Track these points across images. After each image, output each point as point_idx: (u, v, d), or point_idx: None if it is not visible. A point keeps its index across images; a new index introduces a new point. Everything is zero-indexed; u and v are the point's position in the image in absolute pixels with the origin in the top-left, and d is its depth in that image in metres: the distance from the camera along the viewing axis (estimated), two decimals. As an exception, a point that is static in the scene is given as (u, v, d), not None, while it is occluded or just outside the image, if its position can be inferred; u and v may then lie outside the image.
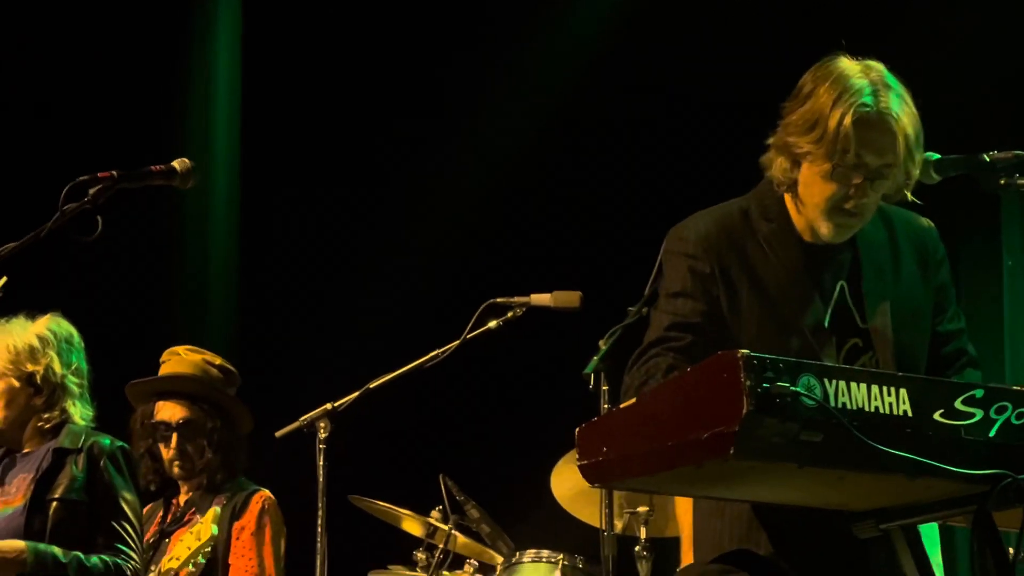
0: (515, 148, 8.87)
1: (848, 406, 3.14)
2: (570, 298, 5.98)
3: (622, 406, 3.36)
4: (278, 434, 6.01)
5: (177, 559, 5.56)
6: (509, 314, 5.97)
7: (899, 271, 3.85)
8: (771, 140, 3.79)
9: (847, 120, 3.61)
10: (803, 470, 3.15)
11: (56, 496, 5.03)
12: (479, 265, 8.56)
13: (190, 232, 9.83)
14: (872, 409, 3.16)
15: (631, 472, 3.29)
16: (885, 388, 3.18)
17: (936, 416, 3.21)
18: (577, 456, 3.36)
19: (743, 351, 3.08)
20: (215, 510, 5.65)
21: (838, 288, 3.79)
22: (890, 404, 3.18)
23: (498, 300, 5.97)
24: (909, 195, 3.75)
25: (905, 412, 3.19)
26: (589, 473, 3.34)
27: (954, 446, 3.21)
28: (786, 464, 3.13)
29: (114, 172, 3.73)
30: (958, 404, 3.23)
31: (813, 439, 3.10)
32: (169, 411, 6.20)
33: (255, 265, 9.59)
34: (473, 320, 5.92)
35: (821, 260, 3.79)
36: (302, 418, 5.94)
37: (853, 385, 3.15)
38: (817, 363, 3.16)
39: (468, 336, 5.91)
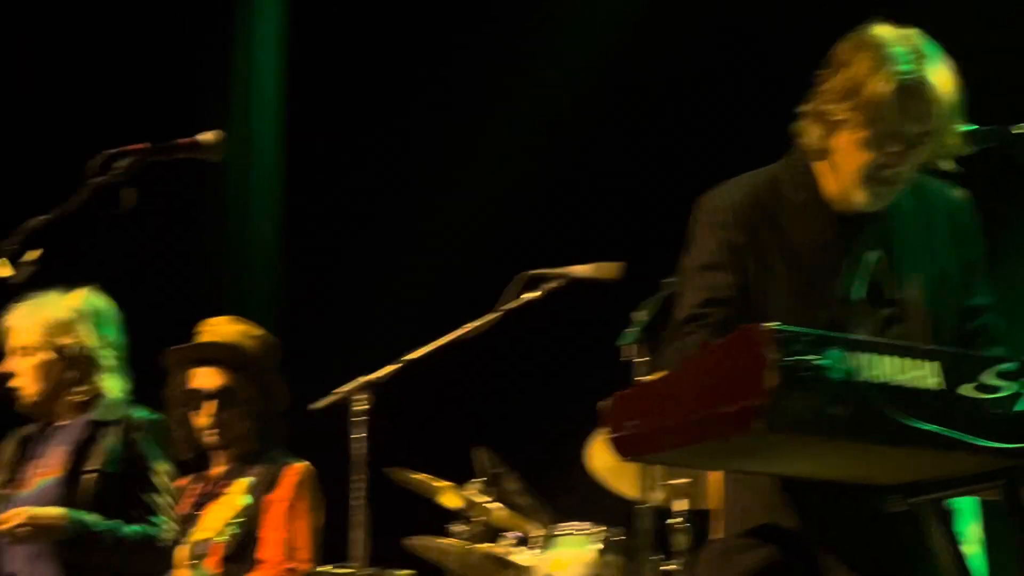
0: (556, 118, 8.86)
1: (876, 379, 3.11)
2: (610, 269, 5.96)
3: (650, 378, 3.35)
4: (315, 406, 6.01)
5: (211, 529, 5.57)
6: (548, 285, 5.96)
7: (931, 242, 3.82)
8: (804, 108, 3.76)
9: (887, 87, 3.58)
10: (830, 444, 3.13)
11: (92, 468, 5.06)
12: (518, 237, 8.55)
13: (232, 203, 9.87)
14: (900, 382, 3.14)
15: (658, 446, 3.29)
16: (913, 361, 3.16)
17: (965, 390, 3.19)
18: (606, 429, 3.35)
19: (769, 324, 3.06)
20: (247, 480, 5.64)
21: (869, 258, 3.76)
22: (918, 377, 3.16)
23: (537, 271, 5.96)
24: (946, 163, 3.72)
25: (934, 385, 3.17)
26: (618, 446, 3.34)
27: (983, 420, 3.18)
28: (813, 438, 3.11)
29: (143, 145, 3.73)
30: (988, 377, 3.20)
31: (840, 413, 3.08)
32: (206, 378, 6.17)
33: (297, 237, 9.62)
34: (512, 291, 5.91)
35: (853, 230, 3.76)
36: (339, 390, 5.93)
37: (881, 358, 3.13)
38: (844, 336, 3.12)
39: (506, 308, 5.90)
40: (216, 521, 5.57)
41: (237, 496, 5.55)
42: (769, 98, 4.07)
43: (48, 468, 5.14)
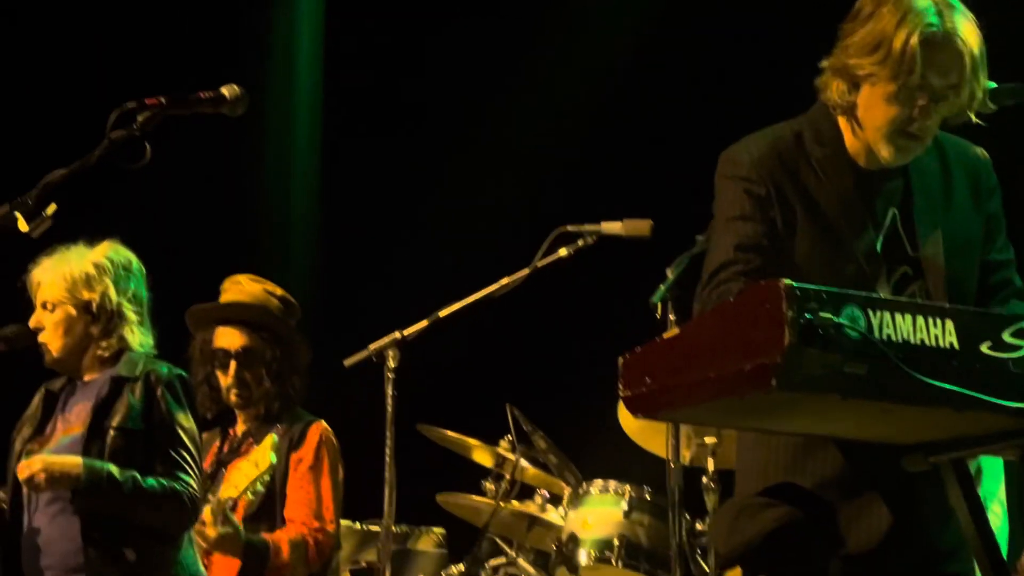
0: (587, 75, 8.83)
1: (893, 338, 3.07)
2: (641, 226, 5.94)
3: (665, 336, 3.32)
4: (347, 363, 6.01)
5: (236, 487, 5.56)
6: (580, 242, 5.94)
7: (951, 199, 3.78)
8: (827, 63, 3.71)
9: (913, 40, 3.53)
10: (847, 402, 3.09)
11: (114, 424, 5.03)
12: (552, 193, 8.53)
13: (272, 159, 9.89)
14: (918, 341, 3.10)
15: (674, 403, 3.25)
16: (931, 320, 3.12)
17: (983, 348, 3.15)
18: (621, 387, 3.32)
19: (785, 281, 3.03)
20: (272, 437, 5.63)
21: (890, 215, 3.72)
22: (936, 336, 3.12)
23: (568, 228, 5.95)
24: (973, 117, 3.67)
25: (951, 344, 3.12)
26: (632, 404, 3.30)
27: (1002, 379, 3.14)
28: (830, 396, 3.08)
29: (162, 98, 3.71)
30: (1006, 336, 3.16)
31: (857, 371, 3.05)
32: (229, 338, 6.18)
33: (334, 193, 9.63)
34: (543, 248, 5.89)
35: (873, 186, 3.72)
36: (371, 347, 5.93)
37: (898, 316, 3.09)
38: (861, 294, 3.08)
39: (538, 264, 5.89)
40: (242, 479, 5.56)
41: (263, 454, 5.53)
42: (799, 51, 4.02)
43: (71, 424, 5.13)
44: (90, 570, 4.93)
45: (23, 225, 3.64)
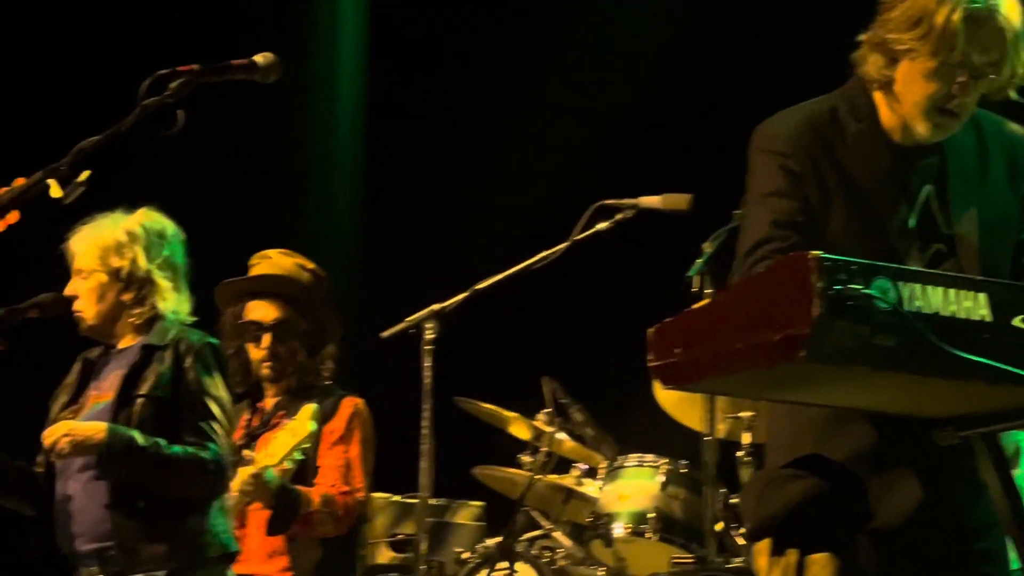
0: (628, 48, 8.81)
1: (923, 310, 3.05)
2: (680, 200, 5.92)
3: (695, 306, 3.30)
4: (384, 335, 6.01)
5: (273, 456, 5.57)
6: (618, 216, 5.93)
7: (986, 177, 3.73)
8: (865, 36, 3.67)
9: (956, 16, 3.49)
10: (877, 374, 3.06)
11: (142, 392, 5.02)
12: (589, 166, 8.51)
13: (315, 131, 9.91)
14: (949, 313, 3.07)
15: (702, 374, 3.23)
16: (963, 292, 3.09)
17: (1016, 321, 3.11)
18: (650, 356, 3.31)
19: (815, 252, 3.01)
20: (312, 407, 5.63)
21: (924, 192, 3.68)
22: (967, 308, 3.09)
23: (607, 202, 5.94)
24: (1013, 94, 3.64)
25: (983, 317, 3.09)
26: (661, 374, 3.29)
27: (1034, 352, 3.12)
28: (859, 368, 3.04)
29: (195, 66, 3.71)
30: (1039, 309, 3.14)
31: (887, 343, 3.02)
32: (261, 311, 6.18)
33: (376, 166, 9.65)
34: (582, 222, 5.88)
35: (909, 162, 3.68)
36: (409, 319, 5.94)
37: (929, 288, 3.06)
38: (892, 265, 3.05)
39: (577, 238, 5.88)
40: (279, 447, 5.57)
41: (302, 423, 5.54)
42: (835, 25, 3.99)
43: (104, 392, 5.13)
44: (117, 537, 4.94)
45: (56, 191, 3.65)
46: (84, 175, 3.66)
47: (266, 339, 6.14)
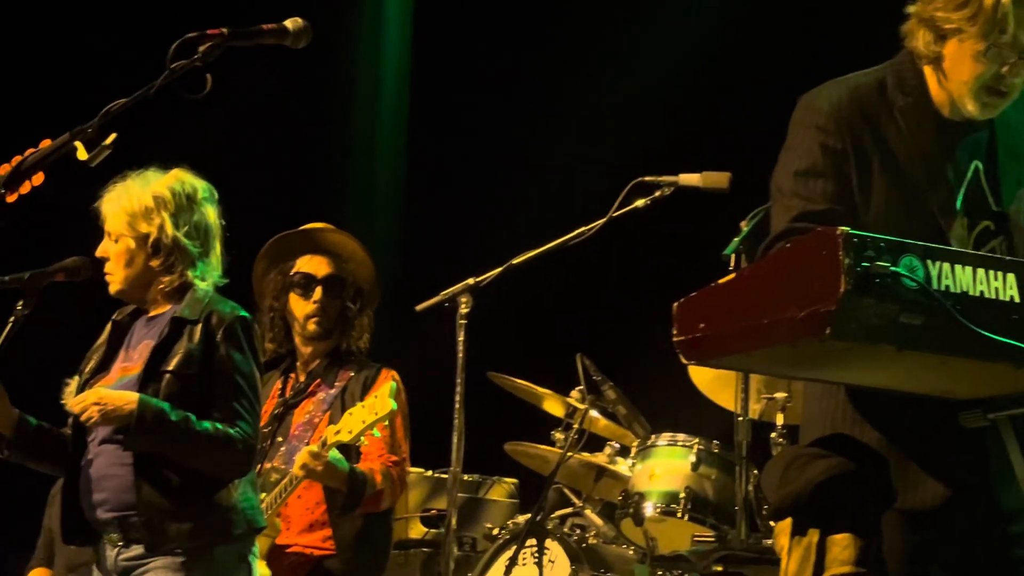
0: (669, 29, 8.78)
1: (952, 289, 3.03)
2: (719, 179, 5.87)
3: (720, 281, 3.26)
4: (419, 308, 5.99)
5: (350, 431, 5.55)
6: (657, 193, 5.88)
7: None
8: (913, 9, 3.62)
9: None
10: (902, 353, 3.05)
11: (170, 368, 4.94)
12: (629, 143, 8.47)
13: (359, 107, 9.91)
14: (977, 293, 3.05)
15: (727, 349, 3.22)
16: (992, 272, 3.07)
17: (1046, 303, 3.08)
18: (675, 331, 3.28)
19: (843, 228, 2.97)
20: (391, 384, 5.63)
21: (972, 168, 3.64)
22: (996, 289, 3.07)
23: (646, 179, 5.89)
24: None
25: (1012, 298, 3.08)
26: (685, 349, 3.27)
27: (1064, 335, 3.08)
28: (885, 346, 3.03)
29: (224, 30, 3.69)
30: (1070, 292, 3.10)
31: (913, 322, 3.00)
32: (315, 265, 6.17)
33: (418, 142, 9.65)
34: (620, 198, 5.84)
35: (957, 138, 3.63)
36: (443, 292, 5.91)
37: (958, 268, 3.04)
38: (920, 243, 3.02)
39: (614, 214, 5.84)
40: (356, 423, 5.54)
41: (384, 400, 5.51)
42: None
43: (132, 363, 5.08)
44: (141, 508, 4.90)
45: (83, 154, 3.64)
46: (110, 138, 3.64)
47: (318, 292, 6.13)
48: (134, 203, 5.09)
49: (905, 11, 3.66)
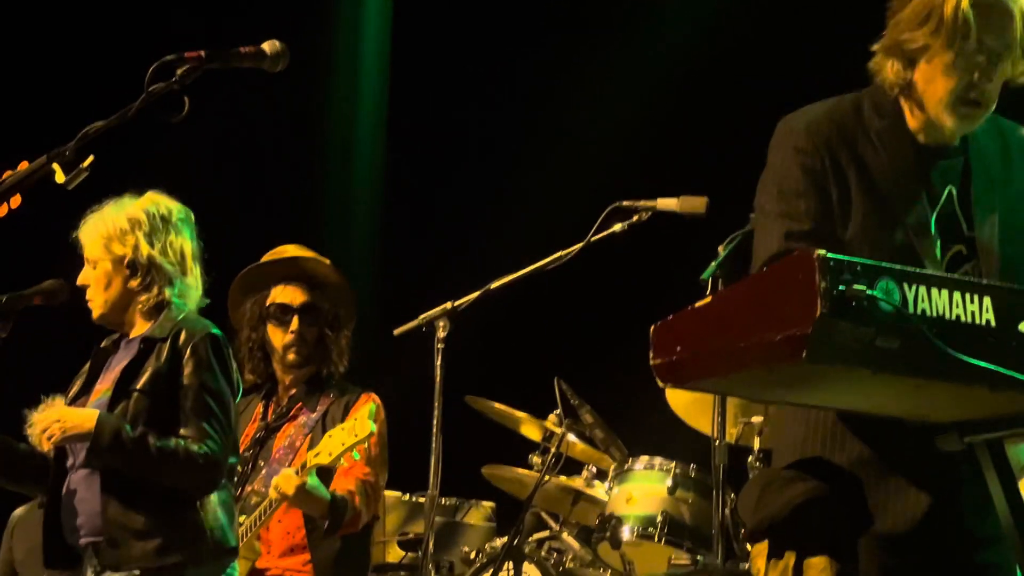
0: (645, 53, 8.80)
1: (928, 312, 3.01)
2: (696, 203, 5.89)
3: (697, 305, 3.26)
4: (397, 332, 6.00)
5: (330, 454, 5.54)
6: (634, 218, 5.90)
7: (1009, 184, 3.70)
8: (878, 45, 3.64)
9: (964, 3, 3.48)
10: (878, 377, 3.03)
11: (138, 387, 4.97)
12: (606, 168, 8.49)
13: (335, 131, 9.92)
14: (953, 317, 3.04)
15: (703, 372, 3.21)
16: (968, 295, 3.05)
17: (1021, 327, 3.08)
18: (651, 354, 3.28)
19: (819, 251, 2.97)
20: (371, 405, 5.63)
21: (946, 192, 3.65)
22: (972, 312, 3.06)
23: (624, 203, 5.91)
24: None
25: (988, 321, 3.06)
26: (662, 372, 3.25)
27: (1040, 358, 3.08)
28: (860, 370, 3.01)
29: (201, 52, 3.69)
30: (1045, 315, 3.10)
31: (889, 345, 2.98)
32: (290, 295, 6.18)
33: (394, 165, 9.66)
34: (598, 223, 5.85)
35: (931, 163, 3.65)
36: (421, 316, 5.92)
37: (934, 291, 3.03)
38: (897, 267, 3.02)
39: (592, 239, 5.85)
40: (336, 446, 5.53)
41: (363, 422, 5.51)
42: (855, 28, 3.97)
43: (106, 384, 5.12)
44: (107, 531, 4.90)
45: (60, 176, 3.63)
46: (88, 160, 3.64)
47: (295, 322, 6.13)
48: (109, 227, 5.12)
49: (870, 49, 3.68)
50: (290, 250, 6.32)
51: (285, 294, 6.18)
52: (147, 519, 4.89)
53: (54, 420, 4.85)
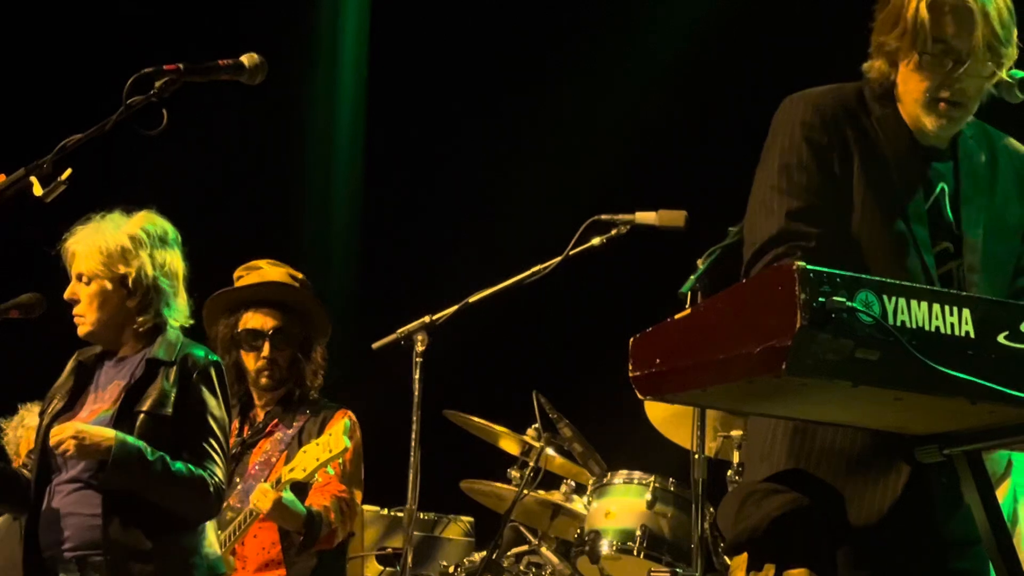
0: (626, 68, 8.81)
1: (907, 324, 3.02)
2: (675, 217, 5.89)
3: (676, 317, 3.26)
4: (375, 346, 5.99)
5: (304, 470, 5.53)
6: (613, 231, 5.90)
7: (995, 189, 3.76)
8: (871, 49, 3.71)
9: (922, 6, 3.57)
10: (858, 389, 3.03)
11: (144, 408, 4.93)
12: (584, 181, 8.50)
13: (313, 145, 9.91)
14: (932, 328, 3.04)
15: (682, 385, 3.20)
16: (947, 307, 3.06)
17: (1000, 338, 3.09)
18: (630, 367, 3.28)
19: (799, 263, 2.97)
20: (345, 422, 5.62)
21: (938, 189, 3.69)
22: (952, 324, 3.06)
23: (602, 217, 5.90)
24: (1005, 75, 3.64)
25: (967, 333, 3.07)
26: (641, 384, 3.25)
27: (1019, 370, 3.08)
28: (840, 382, 3.02)
29: (180, 65, 3.69)
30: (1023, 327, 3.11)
31: (869, 357, 2.99)
32: (260, 320, 6.16)
33: (373, 179, 9.65)
34: (576, 236, 5.85)
35: (926, 160, 3.70)
36: (400, 330, 5.91)
37: (913, 303, 3.04)
38: (876, 278, 3.02)
39: (571, 252, 5.85)
40: (310, 461, 5.52)
41: (337, 438, 5.50)
42: (833, 45, 4.00)
43: (104, 403, 5.06)
44: (107, 548, 4.87)
45: (38, 189, 3.63)
46: (66, 173, 3.63)
47: (266, 348, 6.13)
48: (110, 244, 5.06)
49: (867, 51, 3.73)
50: (263, 266, 6.30)
51: (255, 319, 6.18)
52: (148, 541, 4.87)
53: (70, 435, 4.81)
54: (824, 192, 3.60)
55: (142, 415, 4.94)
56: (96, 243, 5.08)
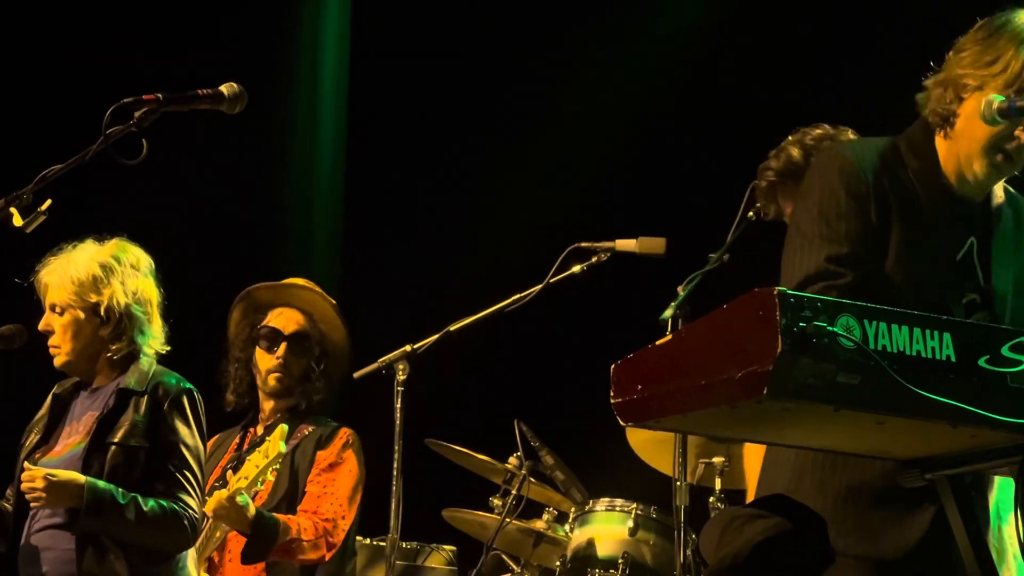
0: (605, 94, 8.82)
1: (888, 348, 3.03)
2: (655, 244, 5.90)
3: (658, 343, 3.26)
4: (357, 375, 5.99)
5: (245, 478, 5.51)
6: (593, 259, 5.91)
7: (1021, 247, 3.81)
8: (933, 79, 3.73)
9: None
10: (840, 413, 3.05)
11: (115, 440, 4.92)
12: (564, 209, 8.50)
13: (294, 170, 9.90)
14: (913, 352, 3.05)
15: (664, 411, 3.20)
16: (928, 331, 3.07)
17: (981, 362, 3.10)
18: (612, 393, 3.28)
19: (779, 288, 2.98)
20: (283, 428, 5.59)
21: (968, 242, 3.73)
22: (932, 348, 3.07)
23: (582, 244, 5.91)
24: None
25: (948, 357, 3.08)
26: (622, 411, 3.26)
27: (999, 394, 3.10)
28: (822, 406, 3.03)
29: (159, 95, 3.69)
30: (1005, 351, 3.12)
31: (851, 381, 3.00)
32: (284, 320, 6.18)
33: (353, 206, 9.65)
34: (557, 264, 5.86)
35: (959, 211, 3.74)
36: (381, 360, 5.90)
37: (894, 327, 3.05)
38: (856, 303, 3.03)
39: (551, 280, 5.85)
40: (251, 469, 5.51)
41: (273, 443, 5.49)
42: (809, 75, 4.01)
43: (78, 434, 5.05)
44: None
45: (18, 220, 3.62)
46: (46, 204, 3.63)
47: (282, 348, 6.13)
48: (81, 273, 5.05)
49: (922, 83, 3.76)
50: (300, 282, 6.33)
51: (280, 319, 6.20)
52: (124, 573, 4.85)
53: (41, 486, 4.79)
54: (861, 239, 3.63)
55: (113, 447, 4.92)
56: (68, 273, 5.08)
